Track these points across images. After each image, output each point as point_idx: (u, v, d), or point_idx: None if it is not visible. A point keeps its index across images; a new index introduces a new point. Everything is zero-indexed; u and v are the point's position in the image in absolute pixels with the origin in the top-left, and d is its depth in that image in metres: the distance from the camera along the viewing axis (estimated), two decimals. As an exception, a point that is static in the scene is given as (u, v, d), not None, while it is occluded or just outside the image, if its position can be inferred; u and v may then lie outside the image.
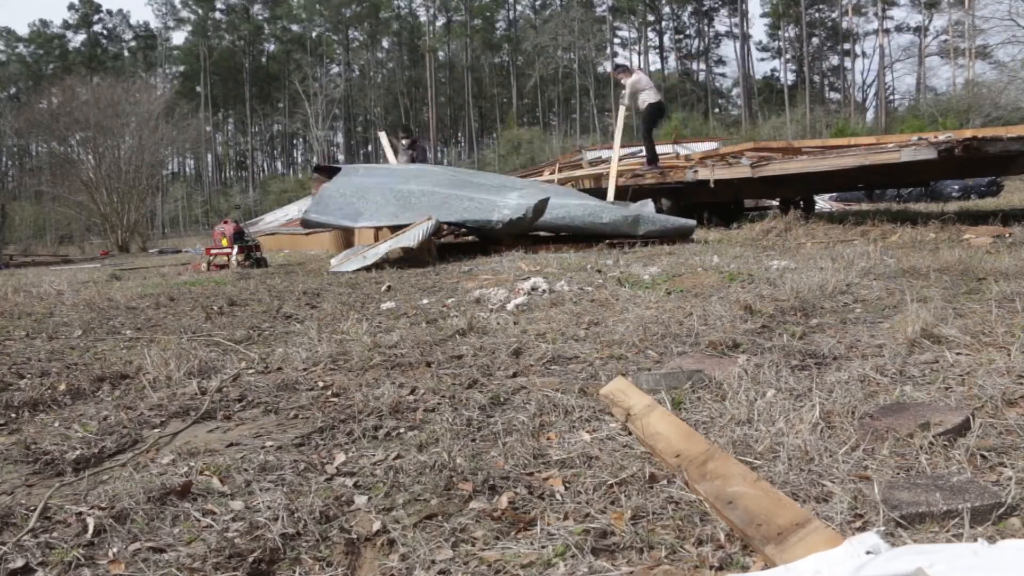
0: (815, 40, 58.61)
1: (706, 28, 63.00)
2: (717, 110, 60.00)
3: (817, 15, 57.99)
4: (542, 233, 8.43)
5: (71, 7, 60.90)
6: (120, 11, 72.87)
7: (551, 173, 13.16)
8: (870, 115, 50.60)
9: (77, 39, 61.49)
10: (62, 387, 2.69)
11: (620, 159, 13.73)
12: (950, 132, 9.19)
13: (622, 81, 11.18)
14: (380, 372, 2.78)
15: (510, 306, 4.11)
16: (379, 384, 2.56)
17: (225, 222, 9.96)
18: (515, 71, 59.88)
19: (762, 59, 67.40)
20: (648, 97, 10.78)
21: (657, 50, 63.24)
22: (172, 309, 4.87)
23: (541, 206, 7.57)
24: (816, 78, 59.14)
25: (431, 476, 1.72)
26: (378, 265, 6.77)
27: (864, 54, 59.85)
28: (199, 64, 58.65)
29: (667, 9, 62.23)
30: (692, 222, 8.26)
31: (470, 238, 9.28)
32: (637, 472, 1.67)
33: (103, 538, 1.49)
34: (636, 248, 7.41)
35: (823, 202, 16.66)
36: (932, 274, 4.39)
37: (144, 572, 1.36)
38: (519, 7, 63.96)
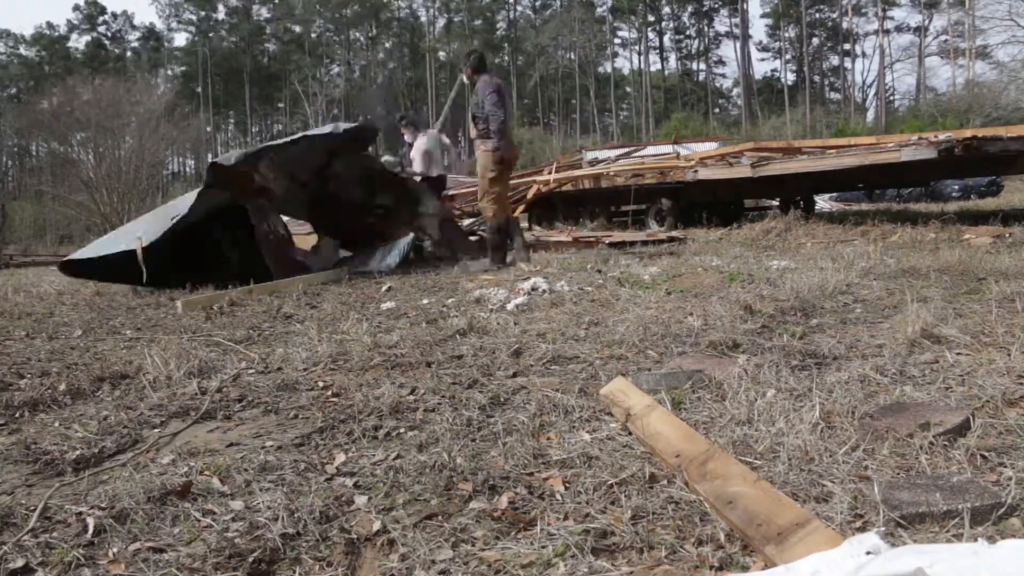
0: (815, 40, 58.57)
1: (706, 28, 62.96)
2: (717, 110, 59.93)
3: (817, 15, 57.97)
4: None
5: (76, 8, 60.90)
6: (124, 12, 73.03)
7: (550, 172, 13.16)
8: (870, 115, 50.56)
9: (81, 41, 61.51)
10: (62, 387, 2.69)
11: (618, 159, 13.76)
12: (950, 132, 9.18)
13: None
14: (380, 372, 2.78)
15: (510, 306, 4.11)
16: (379, 384, 2.56)
17: (225, 222, 9.93)
18: (515, 71, 59.81)
19: (762, 59, 67.20)
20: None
21: (657, 50, 63.23)
22: (172, 309, 4.87)
23: None
24: (816, 78, 59.09)
25: (431, 476, 1.72)
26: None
27: (864, 54, 59.90)
28: (200, 65, 58.65)
29: (667, 9, 62.16)
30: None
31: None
32: (637, 472, 1.67)
33: (103, 538, 1.49)
34: (636, 248, 7.42)
35: (823, 202, 16.64)
36: (932, 274, 4.39)
37: (144, 572, 1.36)
38: (519, 7, 63.97)
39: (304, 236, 8.42)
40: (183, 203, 6.15)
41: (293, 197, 6.96)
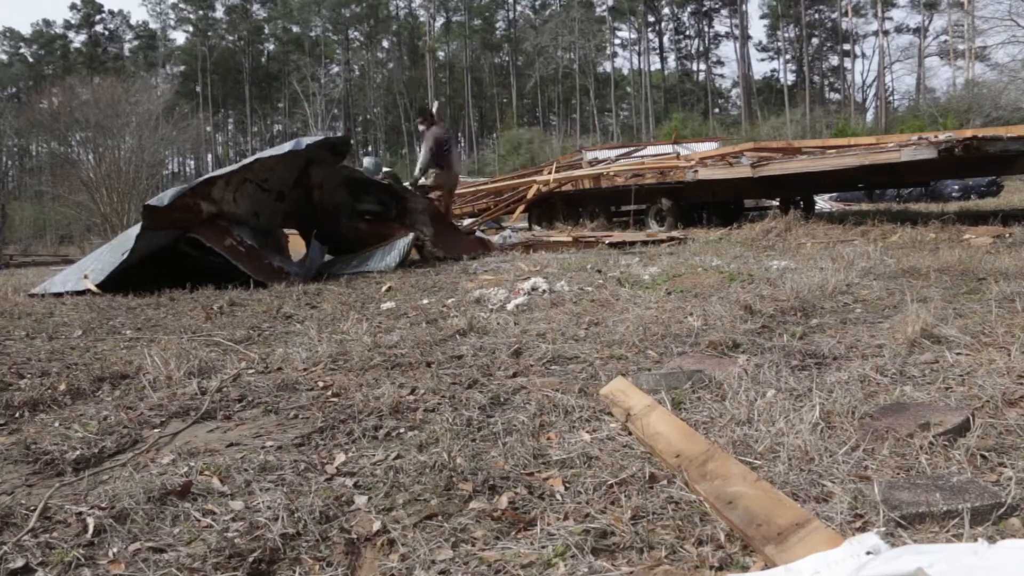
0: (815, 40, 58.53)
1: (706, 29, 62.95)
2: (717, 110, 59.87)
3: (816, 15, 57.94)
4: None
5: (73, 7, 60.87)
6: (121, 11, 73.09)
7: (549, 172, 13.16)
8: (870, 115, 50.54)
9: (78, 39, 61.49)
10: (62, 387, 2.69)
11: (618, 159, 13.76)
12: (950, 132, 9.19)
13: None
14: (380, 372, 2.78)
15: (510, 306, 4.11)
16: (379, 384, 2.56)
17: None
18: (515, 71, 59.82)
19: (762, 59, 66.88)
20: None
21: (657, 50, 63.23)
22: (172, 309, 4.87)
23: None
24: (816, 78, 59.04)
25: (431, 476, 1.72)
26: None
27: (864, 54, 59.97)
28: (199, 64, 58.62)
29: (667, 10, 62.15)
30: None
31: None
32: (637, 472, 1.67)
33: (103, 538, 1.49)
34: (636, 248, 7.42)
35: (823, 202, 16.66)
36: (932, 274, 4.39)
37: (144, 572, 1.36)
38: (519, 7, 63.95)
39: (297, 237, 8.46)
40: (131, 235, 6.25)
41: (266, 209, 7.01)
